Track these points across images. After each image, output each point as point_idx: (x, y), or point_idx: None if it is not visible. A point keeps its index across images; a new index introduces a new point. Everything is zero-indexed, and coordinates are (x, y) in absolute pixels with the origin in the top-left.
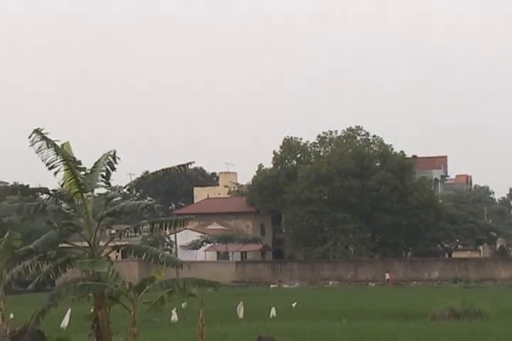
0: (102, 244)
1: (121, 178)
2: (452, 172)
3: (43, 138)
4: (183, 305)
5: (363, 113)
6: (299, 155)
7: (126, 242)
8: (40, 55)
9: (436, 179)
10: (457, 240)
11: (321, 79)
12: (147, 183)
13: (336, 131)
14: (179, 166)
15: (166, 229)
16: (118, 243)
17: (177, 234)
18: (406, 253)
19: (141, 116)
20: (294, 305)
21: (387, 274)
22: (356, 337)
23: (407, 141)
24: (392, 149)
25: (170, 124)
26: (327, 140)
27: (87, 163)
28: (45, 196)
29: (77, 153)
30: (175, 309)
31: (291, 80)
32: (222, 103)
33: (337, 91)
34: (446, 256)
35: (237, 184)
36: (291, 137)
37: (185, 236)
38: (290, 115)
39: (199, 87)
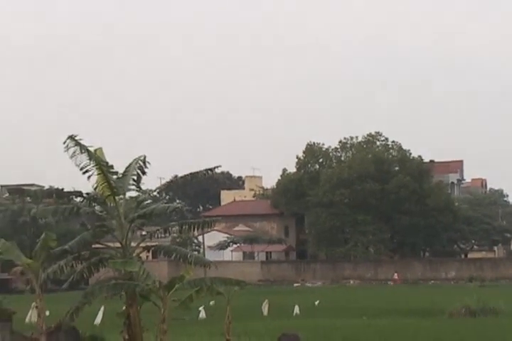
0: (133, 244)
1: (151, 182)
2: (468, 176)
3: (77, 143)
4: (210, 303)
5: (382, 119)
6: (321, 160)
7: (157, 243)
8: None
9: (452, 182)
10: (473, 241)
11: (341, 85)
12: (176, 186)
13: (356, 137)
14: (207, 170)
15: (194, 231)
16: (149, 243)
17: (205, 235)
18: (424, 253)
19: (170, 121)
20: (316, 303)
21: (395, 274)
22: (376, 333)
23: (424, 145)
24: (411, 154)
25: (198, 129)
26: (348, 145)
27: (119, 168)
28: (79, 199)
29: (110, 158)
30: (203, 307)
31: (313, 86)
32: (248, 109)
33: (357, 98)
34: (463, 256)
35: (262, 187)
36: (314, 142)
37: (212, 237)
38: (313, 121)
39: (226, 92)
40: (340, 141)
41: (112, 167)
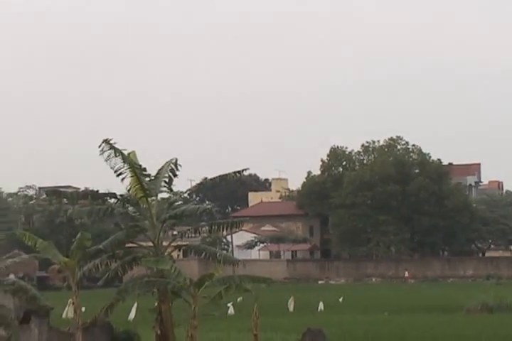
0: (165, 243)
1: (182, 184)
2: (485, 178)
3: (112, 147)
4: (238, 299)
5: (403, 123)
6: (344, 163)
7: (187, 242)
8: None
9: (470, 184)
10: (490, 240)
11: (364, 91)
12: (206, 188)
13: (378, 141)
14: (235, 172)
15: (223, 231)
16: (180, 243)
17: (233, 234)
18: (443, 252)
19: (200, 126)
20: (340, 299)
21: (406, 272)
22: (397, 328)
23: (444, 149)
24: (430, 157)
25: (226, 133)
26: (370, 149)
27: (151, 170)
28: (113, 200)
29: (142, 161)
30: (231, 303)
31: (337, 92)
32: (273, 114)
33: (378, 102)
34: (480, 255)
35: (288, 189)
36: (338, 146)
37: (240, 237)
38: (336, 125)
39: (253, 97)
40: (362, 145)
41: (144, 169)
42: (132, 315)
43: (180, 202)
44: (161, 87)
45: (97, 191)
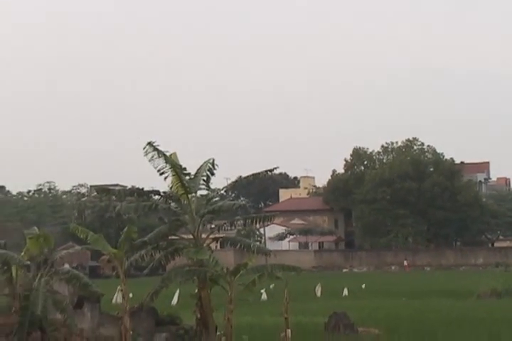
0: (203, 236)
1: (218, 181)
2: (494, 175)
3: (155, 149)
4: (270, 286)
5: (420, 124)
6: (365, 162)
7: (224, 235)
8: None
9: (480, 181)
10: (498, 232)
11: (384, 96)
12: (240, 186)
13: (396, 142)
14: (267, 171)
15: (256, 224)
16: (217, 235)
17: (265, 227)
18: (455, 243)
19: (236, 128)
20: (362, 286)
21: (405, 261)
22: (415, 312)
23: (456, 148)
24: (444, 156)
25: (260, 135)
26: (389, 149)
27: (191, 169)
28: (156, 197)
29: (183, 161)
30: (264, 289)
31: (358, 97)
32: (301, 119)
33: (397, 107)
34: (490, 245)
35: (315, 186)
36: (360, 147)
37: (272, 230)
38: (358, 128)
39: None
40: (382, 146)
41: (185, 169)
42: (175, 300)
43: (217, 199)
44: (198, 93)
45: (143, 189)
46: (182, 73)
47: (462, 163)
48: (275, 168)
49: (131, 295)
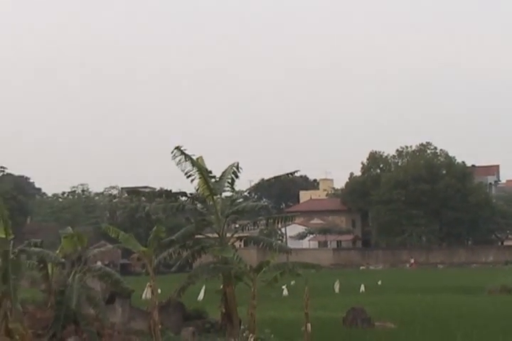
0: (228, 235)
1: (242, 184)
2: (503, 177)
3: (182, 153)
4: (291, 282)
5: (433, 129)
6: (381, 165)
7: (247, 234)
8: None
9: (490, 183)
10: (508, 231)
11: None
12: (263, 188)
13: (410, 146)
14: (288, 174)
15: (278, 224)
16: (241, 234)
17: (286, 227)
18: (467, 241)
19: (259, 135)
20: (379, 282)
21: (412, 259)
22: (428, 307)
23: (467, 152)
24: (456, 160)
25: (282, 140)
26: (404, 153)
27: (216, 172)
28: (184, 198)
29: (208, 165)
30: (285, 286)
31: (375, 102)
32: (319, 125)
33: (411, 113)
34: (499, 244)
35: (334, 188)
36: (376, 151)
37: (293, 229)
38: (374, 133)
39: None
40: (397, 150)
41: (210, 172)
42: (201, 296)
43: (241, 200)
44: (223, 100)
45: (171, 190)
46: (206, 81)
47: (473, 166)
48: (296, 171)
49: (159, 291)
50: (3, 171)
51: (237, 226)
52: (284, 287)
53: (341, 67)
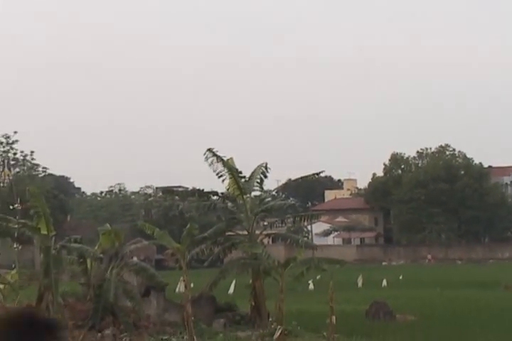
0: (257, 232)
1: (270, 183)
2: None
3: (214, 154)
4: (317, 277)
5: (451, 132)
6: (402, 166)
7: (275, 231)
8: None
9: (506, 183)
10: None
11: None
12: (290, 187)
13: (430, 148)
14: (313, 174)
15: (304, 221)
16: (269, 232)
17: (312, 225)
18: (484, 238)
19: (287, 136)
20: (400, 277)
21: (429, 255)
22: (447, 301)
23: (484, 153)
24: (473, 161)
25: (311, 142)
26: (424, 155)
27: (246, 172)
28: (215, 197)
29: (239, 165)
30: (311, 280)
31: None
32: (346, 126)
33: (431, 116)
34: None
35: (357, 188)
36: (397, 152)
37: (318, 227)
38: (396, 135)
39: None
40: (417, 151)
41: (240, 172)
42: (231, 289)
43: (269, 199)
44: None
45: (203, 190)
46: (239, 87)
47: (490, 166)
48: (321, 172)
49: (192, 285)
50: (45, 171)
51: (265, 223)
52: (310, 281)
53: (367, 72)
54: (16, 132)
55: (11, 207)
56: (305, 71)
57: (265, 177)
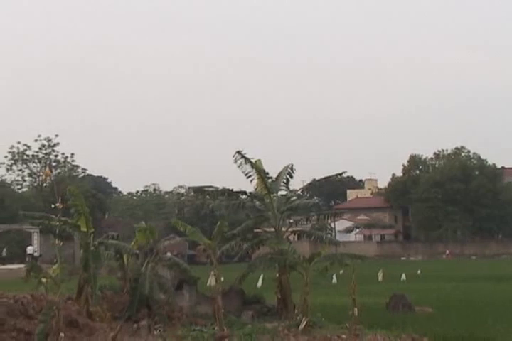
0: (283, 229)
1: (296, 183)
2: None
3: (243, 156)
4: (340, 271)
5: (466, 134)
6: (420, 167)
7: (300, 228)
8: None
9: None
10: None
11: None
12: (314, 187)
13: (446, 150)
14: (336, 175)
15: (327, 219)
16: (295, 229)
17: (335, 222)
18: (497, 235)
19: (311, 139)
20: (418, 272)
21: (447, 251)
22: (463, 293)
23: (498, 155)
24: (487, 162)
25: (334, 145)
26: (440, 156)
27: (273, 173)
28: (244, 196)
29: (266, 166)
30: (335, 274)
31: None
32: (367, 130)
33: (447, 119)
34: None
35: (377, 187)
36: (415, 154)
37: (341, 224)
38: (414, 137)
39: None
40: (434, 153)
41: (267, 173)
42: (259, 283)
43: (295, 198)
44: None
45: (232, 189)
46: (268, 91)
47: (503, 167)
48: (344, 172)
49: (222, 279)
50: (84, 172)
51: (291, 221)
52: (333, 275)
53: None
54: (57, 135)
55: (53, 206)
56: (326, 73)
57: (291, 177)
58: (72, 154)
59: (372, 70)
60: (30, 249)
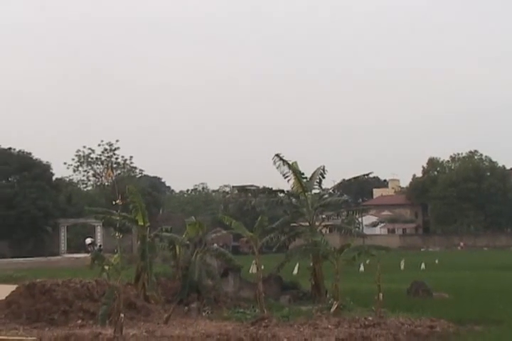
0: (317, 223)
1: (327, 183)
2: None
3: (281, 159)
4: (367, 261)
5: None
6: (438, 168)
7: (332, 222)
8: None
9: None
10: None
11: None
12: (344, 186)
13: (461, 153)
14: (363, 175)
15: (356, 214)
16: (327, 223)
17: (362, 217)
18: (507, 228)
19: (341, 143)
20: (436, 261)
21: (461, 243)
22: (476, 281)
23: (507, 156)
24: (497, 164)
25: (361, 150)
26: (456, 159)
27: (307, 174)
28: (282, 194)
29: (301, 167)
30: (362, 263)
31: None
32: (391, 135)
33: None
34: None
35: (400, 186)
36: (434, 157)
37: (367, 219)
38: (432, 142)
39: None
40: (450, 156)
41: (303, 174)
42: (295, 271)
43: (326, 196)
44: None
45: (271, 188)
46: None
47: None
48: (370, 173)
49: (263, 267)
50: (141, 173)
51: (323, 216)
52: (361, 264)
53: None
54: (117, 140)
55: (114, 203)
56: (360, 79)
57: (323, 177)
58: (131, 157)
59: (398, 81)
60: (88, 241)
